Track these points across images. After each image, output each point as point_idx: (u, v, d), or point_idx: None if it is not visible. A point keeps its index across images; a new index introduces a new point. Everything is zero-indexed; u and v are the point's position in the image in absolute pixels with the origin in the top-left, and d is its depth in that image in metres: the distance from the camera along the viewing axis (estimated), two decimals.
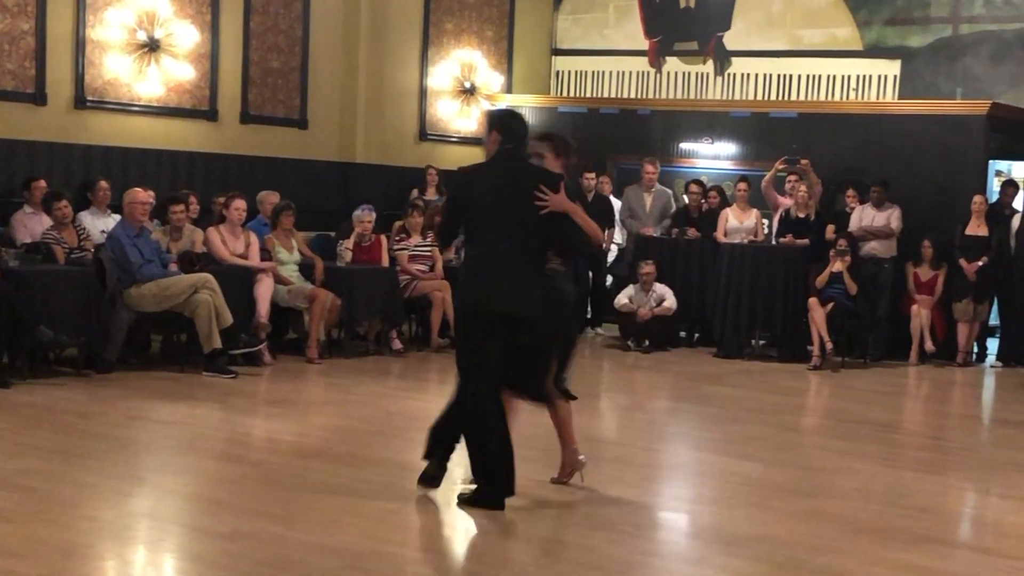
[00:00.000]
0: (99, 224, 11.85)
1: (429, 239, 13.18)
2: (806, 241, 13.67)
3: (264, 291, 11.57)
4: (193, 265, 11.19)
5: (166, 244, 11.48)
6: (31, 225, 11.47)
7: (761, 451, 8.85)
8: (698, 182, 14.92)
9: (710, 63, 17.42)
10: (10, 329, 9.93)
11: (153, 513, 6.69)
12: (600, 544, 6.32)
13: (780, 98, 16.69)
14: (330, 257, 12.74)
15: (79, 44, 12.84)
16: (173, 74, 13.57)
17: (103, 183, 12.26)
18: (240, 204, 11.81)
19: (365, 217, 12.78)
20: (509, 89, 17.55)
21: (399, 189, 15.45)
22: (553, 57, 18.43)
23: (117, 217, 11.60)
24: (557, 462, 7.42)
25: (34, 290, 10.18)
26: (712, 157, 15.88)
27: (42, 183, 11.73)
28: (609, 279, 15.34)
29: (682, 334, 14.61)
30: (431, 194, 15.16)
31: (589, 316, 15.25)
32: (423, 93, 16.66)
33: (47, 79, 12.61)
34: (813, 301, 13.16)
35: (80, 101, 12.89)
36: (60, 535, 6.11)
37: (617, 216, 15.18)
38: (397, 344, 12.61)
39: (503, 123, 7.18)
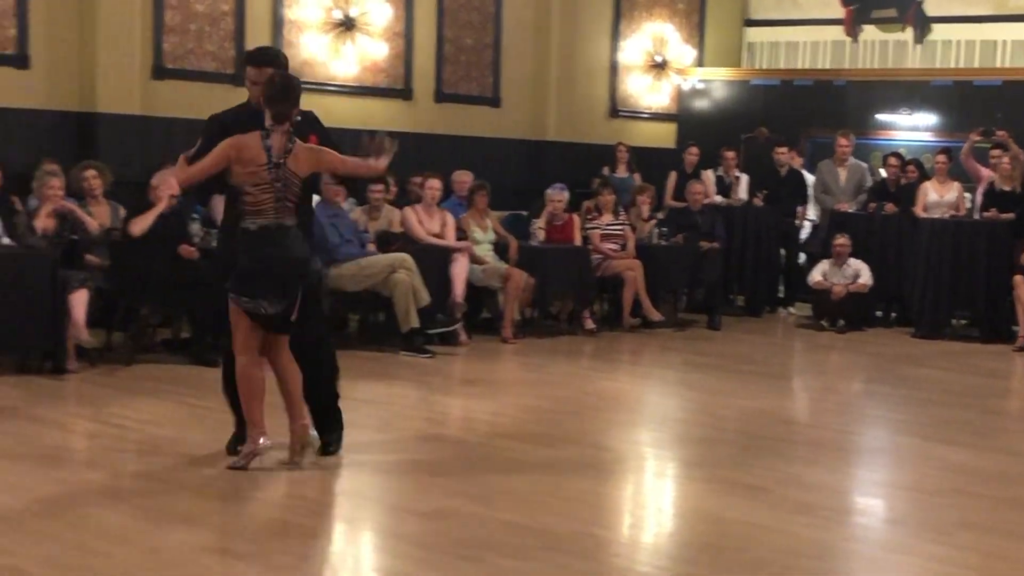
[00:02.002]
0: None
1: (621, 218, 13.16)
2: (1011, 215, 13.21)
3: (460, 271, 11.64)
4: (390, 245, 11.34)
5: (364, 223, 11.66)
6: None
7: (964, 435, 8.60)
8: (897, 155, 14.53)
9: (909, 30, 16.95)
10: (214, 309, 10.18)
11: (353, 491, 6.83)
12: (800, 529, 6.23)
13: (983, 65, 16.17)
14: (523, 236, 12.80)
15: (277, 24, 13.11)
16: (368, 53, 13.74)
17: None
18: (435, 184, 11.93)
19: (556, 196, 12.79)
20: (701, 62, 17.36)
21: (589, 166, 15.39)
22: (745, 28, 18.15)
23: (315, 198, 11.78)
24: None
25: None
26: (910, 128, 15.49)
27: None
28: (802, 257, 15.08)
29: (878, 313, 14.27)
30: (622, 172, 15.09)
31: (782, 295, 15.06)
32: (614, 68, 16.59)
33: None
34: (1018, 279, 12.72)
35: None
36: (266, 513, 6.30)
37: (810, 192, 14.92)
38: (589, 323, 12.60)
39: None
